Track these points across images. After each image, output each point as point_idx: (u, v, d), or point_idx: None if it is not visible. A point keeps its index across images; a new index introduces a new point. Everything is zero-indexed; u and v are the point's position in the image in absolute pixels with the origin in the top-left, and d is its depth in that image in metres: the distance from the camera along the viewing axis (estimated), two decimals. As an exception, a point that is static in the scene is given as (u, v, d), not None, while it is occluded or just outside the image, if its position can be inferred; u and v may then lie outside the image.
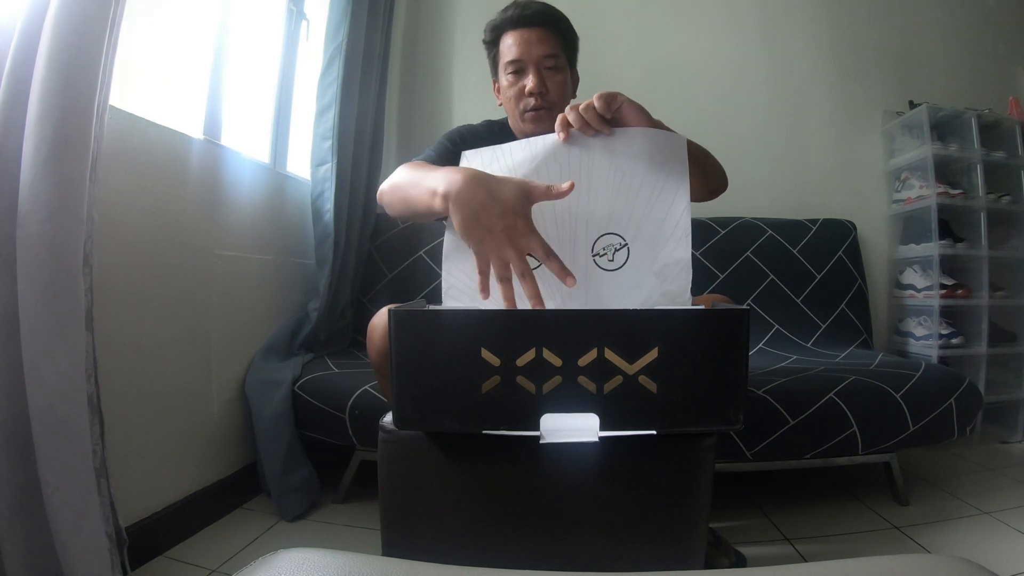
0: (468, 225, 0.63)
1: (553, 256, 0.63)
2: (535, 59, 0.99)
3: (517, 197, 0.63)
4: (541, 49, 0.99)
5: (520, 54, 0.99)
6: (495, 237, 0.62)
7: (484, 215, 0.62)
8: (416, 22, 2.17)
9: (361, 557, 0.36)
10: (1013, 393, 1.90)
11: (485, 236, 0.62)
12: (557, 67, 1.01)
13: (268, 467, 1.31)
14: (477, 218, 0.62)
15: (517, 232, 0.62)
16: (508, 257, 0.62)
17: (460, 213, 0.63)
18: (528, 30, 0.99)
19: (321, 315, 1.55)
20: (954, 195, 1.88)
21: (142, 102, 1.15)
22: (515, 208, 0.62)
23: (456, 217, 0.64)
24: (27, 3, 0.77)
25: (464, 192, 0.64)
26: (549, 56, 0.99)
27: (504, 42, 1.01)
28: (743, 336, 0.56)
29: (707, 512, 0.64)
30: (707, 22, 2.15)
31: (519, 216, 0.62)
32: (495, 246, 0.62)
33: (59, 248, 0.75)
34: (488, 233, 0.62)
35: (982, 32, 2.16)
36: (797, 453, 1.27)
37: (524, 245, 0.62)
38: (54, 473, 0.75)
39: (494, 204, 0.62)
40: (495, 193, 0.63)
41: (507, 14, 1.01)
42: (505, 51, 1.01)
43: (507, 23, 1.01)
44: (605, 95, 0.68)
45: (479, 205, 0.63)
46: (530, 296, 0.62)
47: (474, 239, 0.63)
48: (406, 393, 0.57)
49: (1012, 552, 1.10)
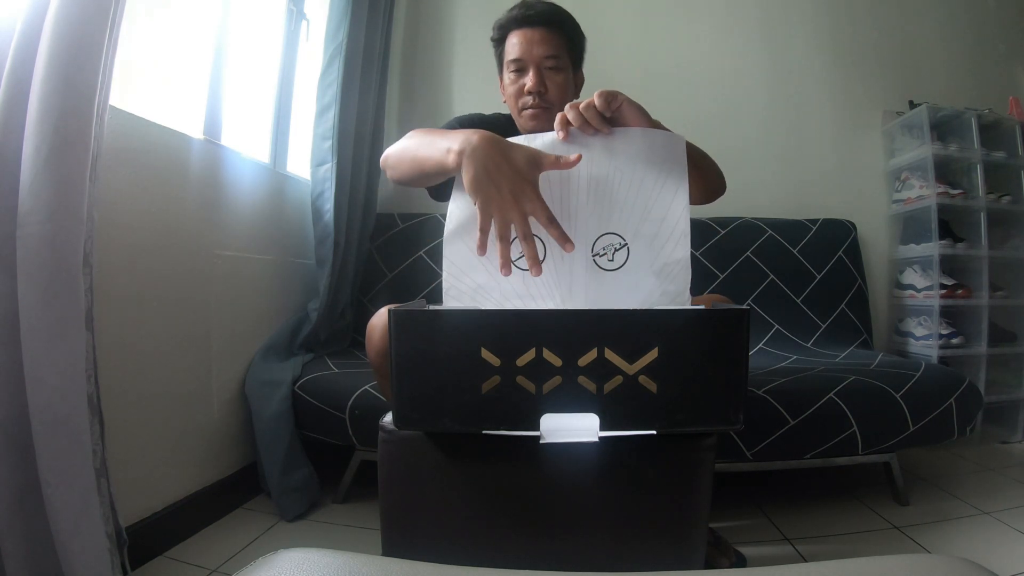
0: (478, 181, 0.66)
1: (554, 223, 0.66)
2: (536, 59, 1.00)
3: (527, 162, 0.66)
4: (542, 49, 1.00)
5: (521, 53, 1.00)
6: (502, 196, 0.65)
7: (495, 174, 0.66)
8: (416, 22, 2.17)
9: (361, 557, 0.36)
10: (1013, 393, 1.90)
11: (493, 194, 0.65)
12: (558, 67, 1.01)
13: (268, 467, 1.31)
14: (488, 175, 0.66)
15: (524, 195, 0.65)
16: (512, 218, 0.65)
17: (472, 169, 0.66)
18: (531, 30, 1.00)
19: (321, 315, 1.55)
20: (954, 195, 1.88)
21: (142, 102, 1.15)
22: (524, 172, 0.66)
23: (468, 173, 0.67)
24: (27, 3, 0.77)
25: (479, 150, 0.67)
26: (550, 56, 1.00)
27: (509, 41, 1.03)
28: (743, 336, 0.56)
29: (707, 512, 0.64)
30: (707, 22, 2.15)
31: (527, 181, 0.66)
32: (501, 205, 0.65)
33: (59, 248, 0.75)
34: (496, 191, 0.65)
35: (982, 32, 2.16)
36: (797, 453, 1.27)
37: (529, 208, 0.65)
38: (54, 473, 0.75)
39: (506, 165, 0.66)
40: (508, 155, 0.66)
41: (512, 14, 1.02)
42: (509, 50, 1.02)
43: (512, 22, 1.02)
44: (605, 94, 0.68)
45: (492, 164, 0.66)
46: (529, 258, 0.66)
47: (482, 195, 0.66)
48: (406, 393, 0.57)
49: (1012, 552, 1.10)
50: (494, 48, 1.08)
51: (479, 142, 0.67)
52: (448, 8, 2.16)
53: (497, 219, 0.66)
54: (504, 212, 0.65)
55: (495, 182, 0.65)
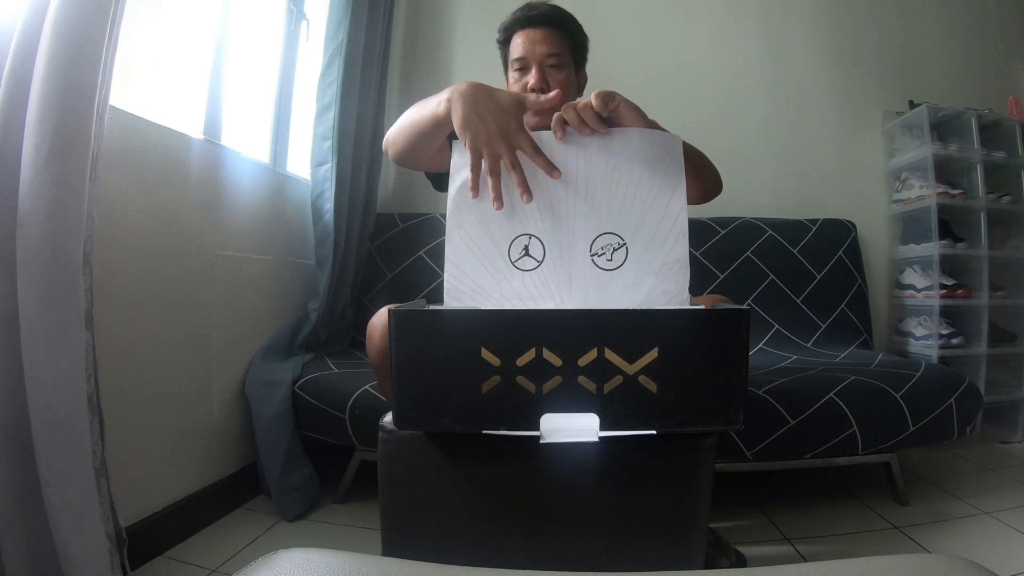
0: (467, 118, 0.71)
1: (539, 152, 0.70)
2: (538, 57, 1.02)
3: (512, 101, 0.72)
4: (545, 48, 1.02)
5: (524, 52, 1.02)
6: (489, 131, 0.70)
7: (482, 111, 0.71)
8: (416, 22, 2.17)
9: (361, 557, 0.36)
10: (1013, 393, 1.90)
11: (480, 130, 0.70)
12: (560, 65, 1.03)
13: (268, 467, 1.31)
14: (476, 112, 0.71)
15: (510, 130, 0.70)
16: (499, 150, 0.69)
17: (460, 109, 0.71)
18: (534, 30, 1.03)
19: (321, 315, 1.55)
20: (954, 195, 1.88)
21: (142, 102, 1.15)
22: (509, 110, 0.71)
23: (456, 114, 0.72)
24: (27, 3, 0.77)
25: (466, 92, 0.72)
26: (552, 55, 1.02)
27: (513, 42, 1.05)
28: (743, 336, 0.56)
29: (707, 512, 0.64)
30: (707, 22, 2.15)
31: (512, 117, 0.71)
32: (488, 139, 0.70)
33: (59, 248, 0.75)
34: (483, 127, 0.70)
35: (982, 32, 2.16)
36: (797, 453, 1.27)
37: (515, 141, 0.70)
38: (54, 473, 0.75)
39: (492, 103, 0.71)
40: (493, 96, 0.72)
41: (516, 15, 1.05)
42: (513, 50, 1.05)
43: (516, 24, 1.05)
44: (602, 94, 0.69)
45: (479, 103, 0.71)
46: (519, 184, 0.70)
47: (471, 132, 0.70)
48: (406, 393, 0.57)
49: (1012, 552, 1.10)
50: (500, 50, 1.11)
51: (466, 87, 0.73)
52: (448, 8, 2.16)
53: (486, 153, 0.69)
54: (492, 145, 0.69)
55: (482, 118, 0.70)
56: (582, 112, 0.69)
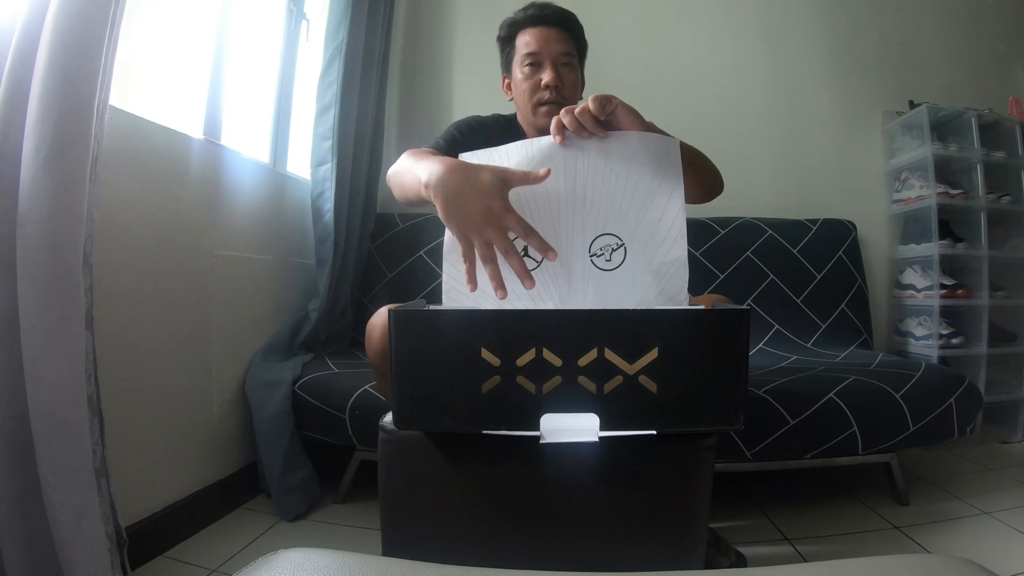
0: (448, 210, 0.67)
1: (532, 232, 0.65)
2: (553, 55, 1.03)
3: (492, 181, 0.66)
4: (559, 46, 1.03)
5: (540, 47, 1.03)
6: (473, 219, 0.65)
7: (462, 199, 0.66)
8: (416, 22, 2.17)
9: (361, 557, 0.36)
10: (1013, 393, 1.90)
11: (464, 219, 0.65)
12: (571, 65, 1.05)
13: (268, 467, 1.31)
14: (456, 202, 0.66)
15: (494, 213, 0.64)
16: (489, 236, 0.65)
17: (440, 199, 0.67)
18: (547, 28, 1.04)
19: (321, 315, 1.55)
20: (954, 195, 1.88)
21: (142, 102, 1.15)
22: (491, 191, 0.65)
23: (438, 203, 0.68)
24: (27, 3, 0.77)
25: (443, 179, 0.68)
26: (566, 54, 1.04)
27: (521, 38, 1.06)
28: (743, 336, 0.56)
29: (707, 512, 0.64)
30: (707, 22, 2.15)
31: (495, 198, 0.65)
32: (475, 227, 0.65)
33: (59, 248, 0.75)
34: (467, 216, 0.65)
35: (982, 32, 2.16)
36: (797, 453, 1.27)
37: (503, 224, 0.65)
38: (54, 473, 0.75)
39: (472, 189, 0.66)
40: (472, 179, 0.66)
41: (527, 13, 1.06)
42: (522, 46, 1.05)
43: (527, 21, 1.05)
44: (599, 98, 0.69)
45: (458, 191, 0.66)
46: (518, 273, 0.65)
47: (455, 223, 0.66)
48: (406, 393, 0.57)
49: (1012, 552, 1.10)
50: (500, 46, 1.11)
51: (443, 172, 0.68)
52: (448, 8, 2.16)
53: (476, 242, 0.65)
54: (480, 233, 0.65)
55: (464, 207, 0.65)
56: (580, 116, 0.69)
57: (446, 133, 1.09)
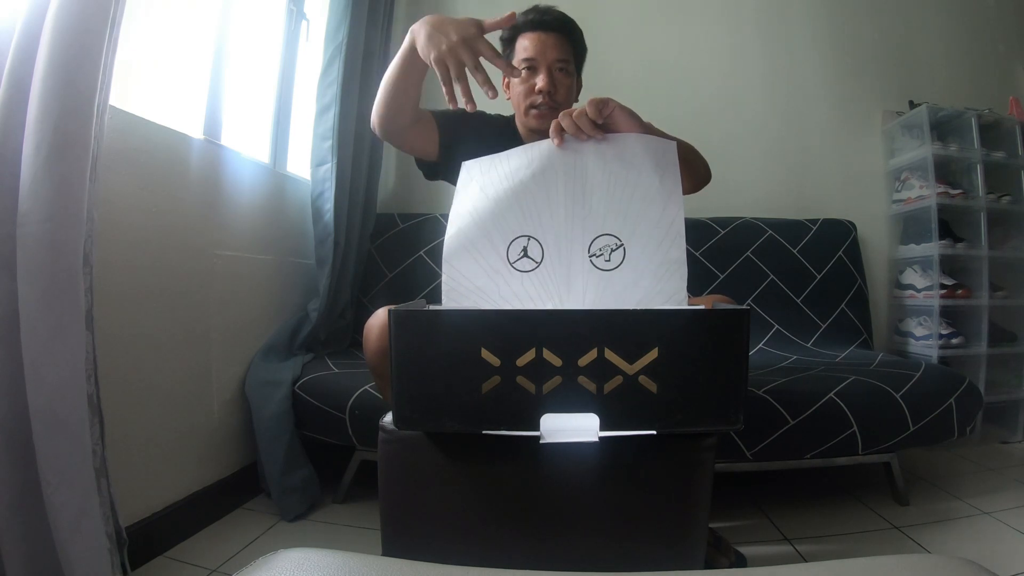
0: (429, 35, 0.79)
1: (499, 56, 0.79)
2: (549, 61, 1.04)
3: (469, 20, 0.79)
4: (555, 53, 1.05)
5: (535, 53, 1.05)
6: (451, 41, 0.77)
7: (443, 27, 0.78)
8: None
9: (361, 557, 0.36)
10: (1013, 393, 1.90)
11: (442, 41, 0.77)
12: (567, 71, 1.07)
13: (268, 467, 1.31)
14: (437, 29, 0.79)
15: (470, 37, 0.77)
16: (463, 56, 0.76)
17: (423, 31, 0.80)
18: (545, 34, 1.05)
19: (321, 315, 1.55)
20: (954, 195, 1.88)
21: (142, 102, 1.15)
22: (468, 24, 0.78)
23: (420, 37, 0.80)
24: (27, 3, 0.77)
25: (425, 19, 0.81)
26: (561, 60, 1.05)
27: (520, 42, 1.07)
28: (743, 336, 0.56)
29: (707, 512, 0.64)
30: (706, 22, 2.15)
31: (472, 26, 0.78)
32: (451, 49, 0.77)
33: (59, 248, 0.75)
34: (445, 39, 0.77)
35: (982, 32, 2.16)
36: (797, 453, 1.27)
37: (476, 47, 0.77)
38: (54, 473, 0.75)
39: (452, 23, 0.78)
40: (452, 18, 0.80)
41: (528, 17, 1.07)
42: (520, 50, 1.06)
43: (527, 25, 1.06)
44: (597, 101, 0.71)
45: (438, 22, 0.80)
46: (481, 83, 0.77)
47: (434, 46, 0.78)
48: (406, 393, 0.57)
49: (1012, 552, 1.10)
50: (502, 47, 1.11)
51: (426, 17, 0.81)
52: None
53: (451, 61, 0.76)
54: (455, 53, 0.76)
55: (444, 33, 0.77)
56: (578, 119, 0.71)
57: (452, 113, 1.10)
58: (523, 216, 0.70)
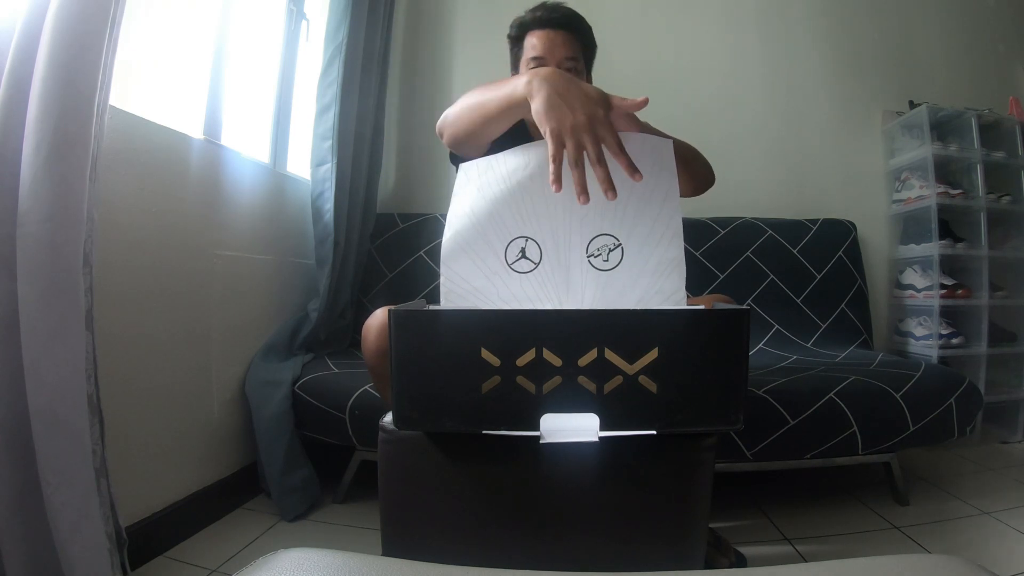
0: (552, 102, 0.65)
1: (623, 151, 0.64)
2: (557, 58, 1.03)
3: (599, 94, 0.66)
4: (564, 50, 1.04)
5: (544, 52, 1.03)
6: (576, 118, 0.63)
7: (570, 97, 0.65)
8: (416, 22, 2.17)
9: (361, 557, 0.36)
10: (1013, 393, 1.90)
11: (567, 115, 0.64)
12: (576, 69, 1.05)
13: (268, 467, 1.31)
14: (562, 98, 0.65)
15: (597, 119, 0.64)
16: (585, 141, 0.63)
17: (544, 91, 0.66)
18: (554, 31, 1.04)
19: (321, 315, 1.55)
20: (954, 195, 1.88)
21: (142, 102, 1.15)
22: (600, 100, 0.65)
23: (540, 96, 0.66)
24: (27, 3, 0.77)
25: (551, 78, 0.67)
26: (570, 58, 1.04)
27: (529, 40, 1.06)
28: (743, 336, 0.56)
29: (707, 512, 0.64)
30: (706, 22, 2.15)
31: (601, 107, 0.64)
32: (574, 127, 0.63)
33: (59, 248, 0.75)
34: (570, 112, 0.64)
35: (982, 32, 2.16)
36: (797, 453, 1.27)
37: (601, 133, 0.64)
38: (54, 473, 0.75)
39: (580, 92, 0.65)
40: (580, 84, 0.67)
41: (536, 14, 1.06)
42: (529, 48, 1.05)
43: (535, 23, 1.05)
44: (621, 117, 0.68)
45: (566, 88, 0.66)
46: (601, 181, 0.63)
47: (555, 117, 0.64)
48: (406, 393, 0.57)
49: (1012, 552, 1.10)
50: (510, 45, 1.11)
51: (549, 72, 0.68)
52: (448, 8, 2.16)
53: (570, 142, 0.63)
54: (577, 135, 0.63)
55: (569, 104, 0.64)
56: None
57: None
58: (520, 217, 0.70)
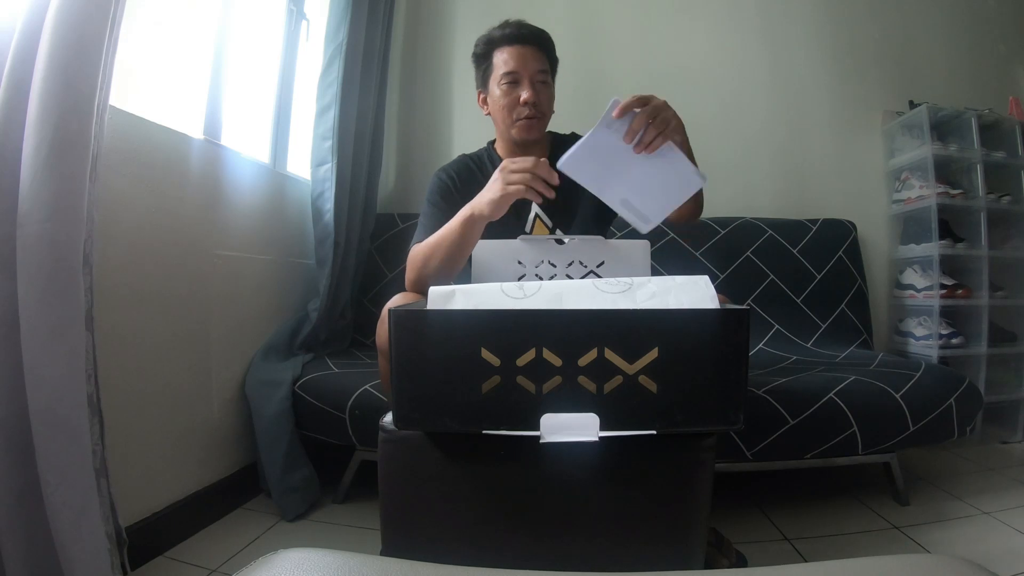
0: (482, 197, 0.89)
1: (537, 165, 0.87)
2: (531, 72, 1.07)
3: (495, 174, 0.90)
4: (536, 64, 1.08)
5: (517, 67, 1.07)
6: (495, 186, 0.88)
7: (485, 191, 0.90)
8: (416, 22, 2.17)
9: (361, 557, 0.36)
10: (1013, 393, 1.90)
11: (495, 189, 0.87)
12: (547, 82, 1.10)
13: (268, 467, 1.31)
14: (489, 188, 0.89)
15: (502, 170, 0.88)
16: (511, 179, 0.86)
17: (475, 202, 0.90)
18: (524, 47, 1.08)
19: (321, 315, 1.55)
20: (954, 195, 1.88)
21: (142, 102, 1.15)
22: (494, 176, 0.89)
23: (477, 205, 0.89)
24: (27, 3, 0.77)
25: (477, 197, 0.91)
26: (541, 72, 1.08)
27: (498, 56, 1.09)
28: (743, 336, 0.56)
29: (707, 512, 0.64)
30: (707, 23, 2.14)
31: (498, 172, 0.89)
32: (503, 184, 0.86)
33: (59, 248, 0.75)
34: (490, 189, 0.88)
35: (982, 32, 2.16)
36: (797, 453, 1.27)
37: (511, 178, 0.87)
38: (54, 473, 0.75)
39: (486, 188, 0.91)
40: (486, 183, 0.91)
41: (505, 31, 1.09)
42: (500, 64, 1.09)
43: (505, 39, 1.09)
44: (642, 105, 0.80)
45: (479, 194, 0.90)
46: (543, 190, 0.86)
47: (493, 191, 0.88)
48: (406, 393, 0.57)
49: (1012, 552, 1.10)
50: (476, 62, 1.14)
51: (473, 200, 0.91)
52: (448, 8, 2.16)
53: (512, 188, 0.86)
54: (506, 179, 0.86)
55: (489, 189, 0.89)
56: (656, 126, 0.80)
57: (430, 202, 1.12)
58: None
